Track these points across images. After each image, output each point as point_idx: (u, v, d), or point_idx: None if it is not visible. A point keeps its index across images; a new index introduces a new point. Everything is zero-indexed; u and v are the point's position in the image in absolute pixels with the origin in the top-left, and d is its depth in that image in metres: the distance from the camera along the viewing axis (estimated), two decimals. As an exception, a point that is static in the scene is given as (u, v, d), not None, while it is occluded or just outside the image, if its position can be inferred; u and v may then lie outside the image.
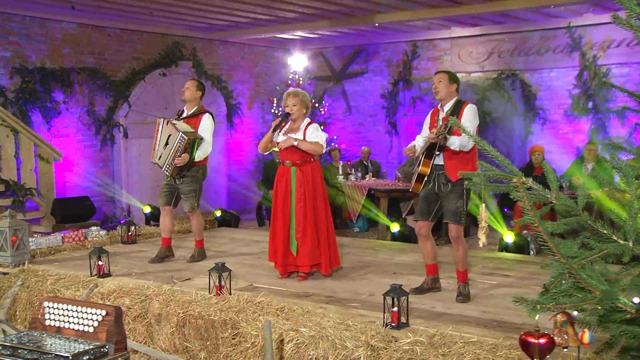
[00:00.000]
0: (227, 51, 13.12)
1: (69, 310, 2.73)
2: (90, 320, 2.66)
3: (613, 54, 11.19)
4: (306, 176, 6.28)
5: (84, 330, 2.64)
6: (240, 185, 13.37)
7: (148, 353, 4.52)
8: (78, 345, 2.48)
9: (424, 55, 13.06)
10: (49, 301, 2.83)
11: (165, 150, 6.87)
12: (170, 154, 6.83)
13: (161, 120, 7.01)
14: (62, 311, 2.75)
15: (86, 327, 2.64)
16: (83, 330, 2.64)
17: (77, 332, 2.66)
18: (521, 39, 11.93)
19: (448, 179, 5.57)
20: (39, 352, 2.45)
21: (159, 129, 6.95)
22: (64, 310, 2.74)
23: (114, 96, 11.20)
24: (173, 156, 6.80)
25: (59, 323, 2.72)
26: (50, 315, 2.77)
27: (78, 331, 2.66)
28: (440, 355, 4.16)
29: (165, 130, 6.90)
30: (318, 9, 10.38)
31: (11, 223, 7.02)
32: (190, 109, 7.17)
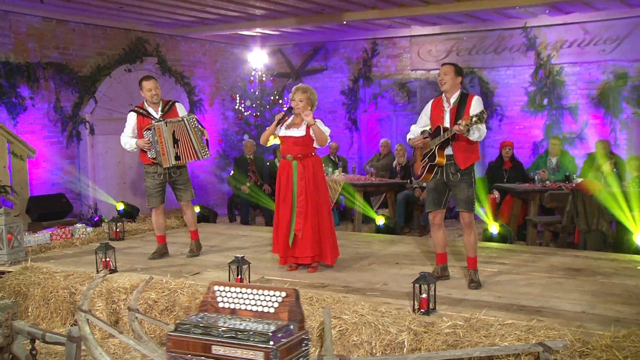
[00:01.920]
0: (189, 47, 13.09)
1: (243, 293, 2.84)
2: (269, 302, 2.78)
3: (566, 54, 11.79)
4: (307, 170, 6.45)
5: (262, 311, 2.76)
6: (202, 182, 13.38)
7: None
8: (262, 325, 2.59)
9: (383, 52, 13.38)
10: (219, 285, 2.93)
11: (180, 145, 6.90)
12: (194, 140, 6.90)
13: (159, 124, 6.95)
14: (235, 294, 2.85)
15: (265, 308, 2.76)
16: (262, 312, 2.76)
17: (255, 313, 2.77)
18: (479, 38, 12.39)
19: (457, 168, 5.85)
20: (234, 331, 2.55)
21: (161, 134, 6.90)
22: (238, 293, 2.85)
23: (79, 92, 11.03)
24: (198, 138, 6.88)
25: (233, 305, 2.82)
26: (222, 298, 2.86)
27: (256, 312, 2.77)
28: (482, 336, 4.42)
29: (167, 131, 6.91)
30: (288, 6, 10.51)
31: (6, 221, 6.94)
32: (157, 107, 7.17)
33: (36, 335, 4.47)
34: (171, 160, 7.00)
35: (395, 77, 13.26)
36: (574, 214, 8.13)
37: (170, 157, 6.99)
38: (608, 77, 11.46)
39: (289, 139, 6.46)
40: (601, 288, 5.74)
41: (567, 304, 5.25)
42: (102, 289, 5.82)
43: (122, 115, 11.45)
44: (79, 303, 3.93)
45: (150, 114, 7.06)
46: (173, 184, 7.22)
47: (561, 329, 4.39)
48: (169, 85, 12.37)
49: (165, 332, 2.70)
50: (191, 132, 6.93)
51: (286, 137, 6.48)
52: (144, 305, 5.54)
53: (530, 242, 8.87)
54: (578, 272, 6.36)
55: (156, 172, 7.11)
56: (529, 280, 6.09)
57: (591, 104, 11.59)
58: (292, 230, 6.38)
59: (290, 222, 6.40)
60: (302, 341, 2.64)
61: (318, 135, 6.37)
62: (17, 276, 6.32)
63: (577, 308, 5.14)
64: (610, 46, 11.44)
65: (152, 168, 7.11)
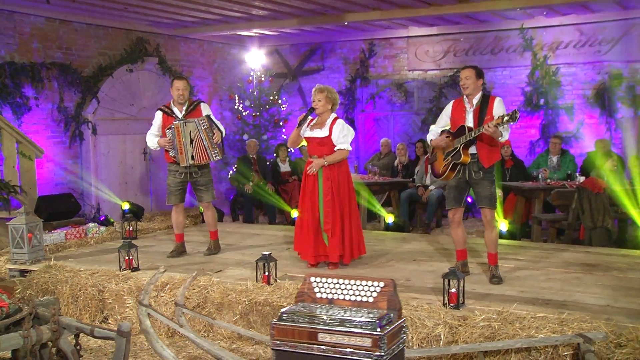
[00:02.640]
0: (188, 47, 13.15)
1: (340, 283, 2.95)
2: (368, 292, 2.89)
3: (562, 55, 12.02)
4: (333, 170, 6.57)
5: (361, 300, 2.87)
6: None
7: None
8: (365, 313, 2.71)
9: (380, 53, 13.53)
10: (315, 276, 3.04)
11: (194, 145, 6.99)
12: (206, 141, 6.98)
13: (178, 123, 7.06)
14: (332, 285, 2.95)
15: (364, 298, 2.87)
16: (360, 301, 2.87)
17: (353, 303, 2.88)
18: (476, 39, 12.59)
19: (480, 166, 6.01)
20: (339, 319, 2.65)
21: (180, 133, 7.00)
22: (335, 284, 2.96)
23: (82, 92, 11.04)
24: (209, 140, 6.97)
25: (331, 295, 2.93)
26: (319, 288, 2.97)
27: (354, 302, 2.88)
28: (517, 329, 4.57)
29: (185, 131, 7.00)
30: (290, 6, 10.61)
31: (27, 220, 6.98)
32: (182, 107, 7.26)
33: (84, 330, 4.56)
34: (188, 160, 7.10)
35: (393, 77, 13.42)
36: (580, 212, 8.32)
37: (187, 157, 7.09)
38: (603, 77, 11.71)
39: (314, 140, 6.58)
40: (619, 283, 5.92)
41: (590, 298, 5.42)
42: (131, 287, 5.90)
43: (123, 116, 11.59)
44: (139, 297, 4.02)
45: (174, 113, 7.15)
46: (194, 184, 7.31)
47: (594, 322, 4.56)
48: (169, 86, 12.37)
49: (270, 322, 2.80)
50: (202, 134, 7.02)
51: (311, 138, 6.60)
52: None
53: (535, 239, 9.06)
54: (593, 267, 6.54)
55: (177, 171, 7.20)
56: (548, 275, 6.27)
57: (587, 104, 11.83)
58: (323, 230, 6.48)
59: (320, 222, 6.51)
60: (402, 329, 2.76)
61: (335, 161, 6.50)
62: (42, 274, 6.37)
63: (601, 302, 5.31)
64: (605, 47, 11.70)
65: (173, 166, 7.21)
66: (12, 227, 6.97)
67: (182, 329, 4.01)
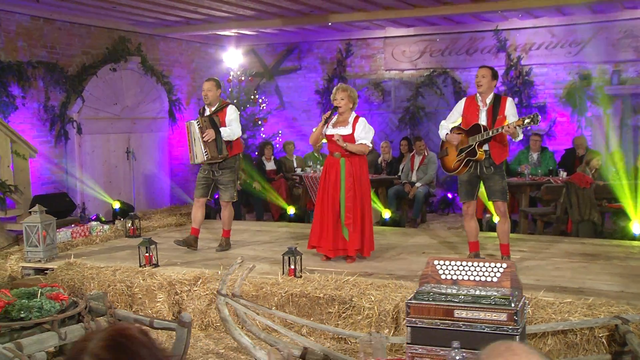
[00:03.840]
0: (167, 47, 13.17)
1: (464, 265, 3.18)
2: (492, 272, 3.12)
3: (534, 55, 12.51)
4: (355, 167, 6.80)
5: (485, 280, 3.10)
6: (181, 180, 13.48)
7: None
8: (492, 292, 2.95)
9: (357, 53, 13.80)
10: (438, 260, 3.26)
11: (197, 144, 7.15)
12: (200, 142, 7.12)
13: (188, 123, 7.24)
14: (456, 267, 3.18)
15: (488, 278, 3.10)
16: (484, 281, 3.10)
17: (477, 283, 3.11)
18: (451, 39, 12.98)
19: (492, 162, 6.34)
20: (474, 296, 2.88)
21: (190, 132, 7.18)
22: (459, 266, 3.19)
23: (67, 91, 10.99)
24: (200, 141, 7.11)
25: (455, 276, 3.16)
26: (443, 270, 3.20)
27: (478, 282, 3.11)
28: (551, 314, 4.89)
29: (191, 130, 7.18)
30: (278, 7, 10.77)
31: (42, 218, 7.00)
32: (212, 108, 7.44)
33: (143, 321, 4.70)
34: (193, 158, 7.27)
35: (370, 77, 13.71)
36: (568, 205, 8.75)
37: (192, 155, 7.26)
38: (574, 77, 12.24)
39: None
40: (624, 270, 6.32)
41: (602, 285, 5.78)
42: (161, 282, 6.01)
43: (107, 115, 11.57)
44: (218, 288, 4.17)
45: (203, 113, 7.34)
46: (216, 183, 7.45)
47: (620, 305, 4.90)
48: (151, 85, 12.44)
49: (406, 302, 3.02)
50: (196, 135, 7.17)
51: (333, 136, 6.79)
52: (209, 295, 5.77)
53: (523, 231, 9.46)
54: (594, 257, 6.94)
55: (203, 167, 7.39)
56: (554, 265, 6.63)
57: (559, 103, 12.34)
58: (343, 224, 6.69)
59: (340, 216, 6.71)
60: (525, 305, 3.01)
61: (353, 151, 6.70)
62: (66, 272, 6.43)
63: (614, 288, 5.67)
64: (575, 49, 12.22)
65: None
66: (26, 226, 6.99)
67: (259, 317, 4.19)
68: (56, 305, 4.51)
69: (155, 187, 12.70)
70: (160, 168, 12.81)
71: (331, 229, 6.78)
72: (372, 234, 6.98)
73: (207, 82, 7.47)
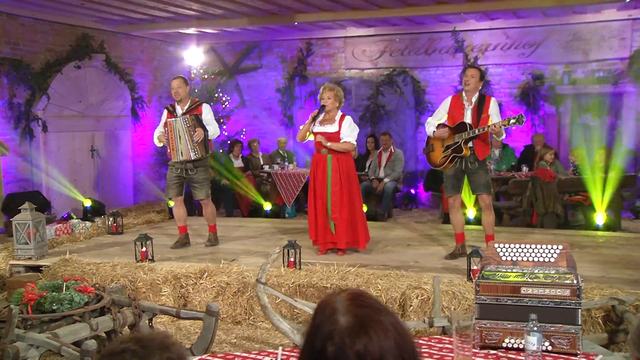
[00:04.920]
0: (130, 45, 13.12)
1: (522, 248, 3.44)
2: (549, 253, 3.39)
3: (490, 56, 13.02)
4: (341, 163, 7.04)
5: (543, 260, 3.37)
6: (144, 178, 13.45)
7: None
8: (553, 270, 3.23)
9: (318, 52, 14.05)
10: (498, 243, 3.50)
11: (182, 142, 7.24)
12: (187, 139, 7.22)
13: (172, 120, 7.32)
14: (515, 249, 3.45)
15: (546, 258, 3.37)
16: (542, 261, 3.37)
17: (536, 263, 3.38)
18: (411, 39, 13.37)
19: (476, 158, 6.69)
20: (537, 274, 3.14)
21: (173, 129, 7.26)
22: (518, 248, 3.45)
23: (31, 88, 10.86)
24: (190, 138, 7.21)
25: (515, 258, 3.42)
26: (503, 252, 3.45)
27: (537, 262, 3.38)
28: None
29: (175, 128, 7.27)
30: (248, 6, 10.91)
31: (32, 216, 6.99)
32: (183, 105, 7.53)
33: (170, 312, 4.83)
34: (178, 156, 7.35)
35: (330, 75, 13.96)
36: (534, 199, 9.22)
37: (177, 153, 7.35)
38: (527, 77, 12.79)
39: (324, 135, 7.01)
40: (599, 258, 6.76)
41: (584, 272, 6.16)
42: (167, 275, 6.12)
43: (72, 113, 11.47)
44: (257, 276, 4.34)
45: (175, 111, 7.38)
46: (189, 181, 7.54)
47: (611, 288, 5.30)
48: (114, 83, 12.38)
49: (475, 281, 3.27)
50: (185, 130, 7.27)
51: (321, 133, 7.02)
52: (216, 287, 5.92)
53: (490, 225, 9.88)
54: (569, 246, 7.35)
55: (174, 166, 7.45)
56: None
57: (514, 102, 12.88)
58: (330, 218, 6.93)
59: (327, 211, 6.95)
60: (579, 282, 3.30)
61: (338, 149, 6.94)
62: (64, 268, 6.47)
63: (596, 274, 6.09)
64: (529, 50, 12.78)
65: (172, 162, 7.44)
66: (16, 224, 6.97)
67: (297, 303, 4.38)
68: (85, 297, 4.60)
69: (119, 186, 12.65)
70: (123, 166, 12.76)
71: (322, 223, 7.01)
72: (366, 227, 7.23)
73: (175, 80, 7.54)
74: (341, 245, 7.05)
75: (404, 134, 13.52)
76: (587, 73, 12.58)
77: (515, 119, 6.30)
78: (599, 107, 12.58)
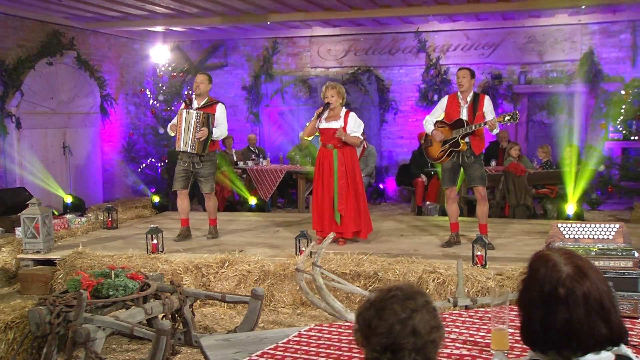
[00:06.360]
0: (97, 42, 13.10)
1: (583, 227, 3.83)
2: (608, 231, 3.78)
3: (451, 56, 13.60)
4: (346, 157, 7.40)
5: (602, 238, 3.77)
6: (112, 175, 13.46)
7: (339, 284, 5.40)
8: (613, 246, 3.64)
9: (283, 51, 14.34)
10: (561, 223, 3.89)
11: (188, 133, 7.47)
12: (192, 133, 7.46)
13: (185, 111, 7.55)
14: (576, 229, 3.83)
15: (604, 236, 3.77)
16: (602, 238, 3.77)
17: (595, 240, 3.78)
18: (375, 39, 13.82)
19: (472, 152, 7.14)
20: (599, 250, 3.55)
21: (182, 119, 7.49)
22: (578, 228, 3.84)
23: (4, 84, 10.78)
24: (194, 133, 7.45)
25: (576, 235, 3.81)
26: (566, 232, 3.84)
27: (596, 239, 3.78)
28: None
29: (187, 118, 7.50)
30: (223, 5, 11.10)
31: (41, 210, 7.08)
32: (201, 100, 7.77)
33: (215, 297, 5.09)
34: (181, 145, 7.59)
35: (296, 74, 14.29)
36: (506, 191, 9.78)
37: (181, 142, 7.58)
38: (487, 77, 13.43)
39: (329, 131, 7.35)
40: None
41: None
42: (188, 265, 6.35)
43: (45, 109, 11.44)
44: (313, 259, 4.63)
45: (191, 104, 7.60)
46: (196, 175, 7.74)
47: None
48: (84, 80, 12.37)
49: None
50: (193, 124, 7.52)
51: (327, 129, 7.36)
52: (238, 276, 6.19)
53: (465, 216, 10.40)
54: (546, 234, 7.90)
55: (182, 159, 7.65)
56: (522, 241, 7.55)
57: (474, 100, 13.46)
58: (336, 210, 7.27)
59: (334, 202, 7.29)
60: None
61: (350, 142, 7.32)
62: (81, 260, 6.59)
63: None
64: (488, 51, 13.42)
65: (180, 154, 7.65)
66: (24, 218, 7.03)
67: (349, 285, 4.70)
68: (136, 284, 4.81)
69: (90, 183, 12.65)
70: (92, 163, 12.76)
71: (327, 214, 7.35)
72: (368, 217, 7.61)
73: (201, 75, 7.82)
74: (347, 235, 7.40)
75: (369, 130, 13.89)
76: (542, 73, 13.31)
77: (510, 116, 6.79)
78: (553, 105, 13.35)
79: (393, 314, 1.87)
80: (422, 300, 1.93)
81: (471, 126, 7.00)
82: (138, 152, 13.73)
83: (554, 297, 1.87)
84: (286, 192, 12.60)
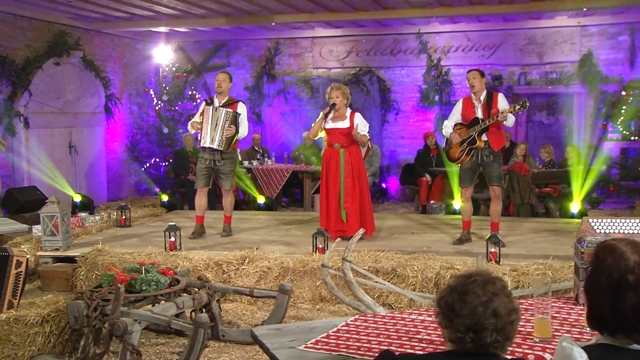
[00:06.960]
0: (102, 42, 13.19)
1: (614, 222, 3.99)
2: (637, 226, 3.96)
3: (452, 57, 13.77)
4: (352, 156, 7.56)
5: (632, 232, 3.93)
6: (115, 174, 13.54)
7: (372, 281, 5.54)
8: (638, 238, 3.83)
9: (286, 51, 14.47)
10: (592, 219, 4.04)
11: (216, 130, 7.61)
12: (219, 130, 7.60)
13: (209, 107, 7.70)
14: (607, 224, 3.99)
15: (633, 230, 3.93)
16: (632, 233, 3.93)
17: (626, 234, 3.94)
18: (377, 40, 13.97)
19: (491, 150, 7.29)
20: None
21: (208, 116, 7.62)
22: (610, 223, 4.00)
23: (13, 84, 10.85)
24: (222, 130, 7.59)
25: (607, 230, 3.98)
26: (597, 226, 4.00)
27: (627, 233, 3.94)
28: (569, 274, 5.86)
29: (214, 115, 7.63)
30: (229, 6, 11.23)
31: (60, 208, 7.18)
32: (222, 99, 7.90)
33: (243, 292, 5.22)
34: (207, 141, 7.71)
35: (298, 74, 14.41)
36: (510, 190, 9.94)
37: (207, 138, 7.70)
38: (487, 78, 13.56)
39: (336, 130, 7.50)
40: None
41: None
42: (208, 262, 6.47)
43: (51, 109, 11.51)
44: (344, 255, 4.76)
45: (212, 103, 7.74)
46: (217, 172, 7.87)
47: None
48: (89, 80, 12.44)
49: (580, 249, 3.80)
50: (221, 122, 7.65)
51: (333, 129, 7.52)
52: (259, 272, 6.31)
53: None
54: (555, 232, 8.09)
55: (203, 157, 7.79)
56: (532, 239, 7.69)
57: (475, 101, 13.64)
58: (342, 207, 7.41)
59: (340, 200, 7.43)
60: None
61: (362, 141, 7.49)
62: (102, 257, 6.69)
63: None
64: (488, 52, 13.60)
65: (202, 153, 7.78)
66: (44, 216, 7.13)
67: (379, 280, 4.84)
68: (167, 279, 4.93)
69: (95, 182, 12.73)
70: (97, 162, 12.84)
71: (333, 212, 7.49)
72: (372, 216, 7.75)
73: (222, 74, 7.99)
74: (352, 233, 7.51)
75: (371, 130, 13.97)
76: (542, 74, 13.50)
77: (519, 105, 6.96)
78: (553, 106, 13.55)
79: (475, 297, 2.02)
80: (500, 284, 2.08)
81: (485, 121, 7.15)
82: (141, 151, 13.83)
83: (623, 284, 2.02)
84: (290, 191, 12.72)
